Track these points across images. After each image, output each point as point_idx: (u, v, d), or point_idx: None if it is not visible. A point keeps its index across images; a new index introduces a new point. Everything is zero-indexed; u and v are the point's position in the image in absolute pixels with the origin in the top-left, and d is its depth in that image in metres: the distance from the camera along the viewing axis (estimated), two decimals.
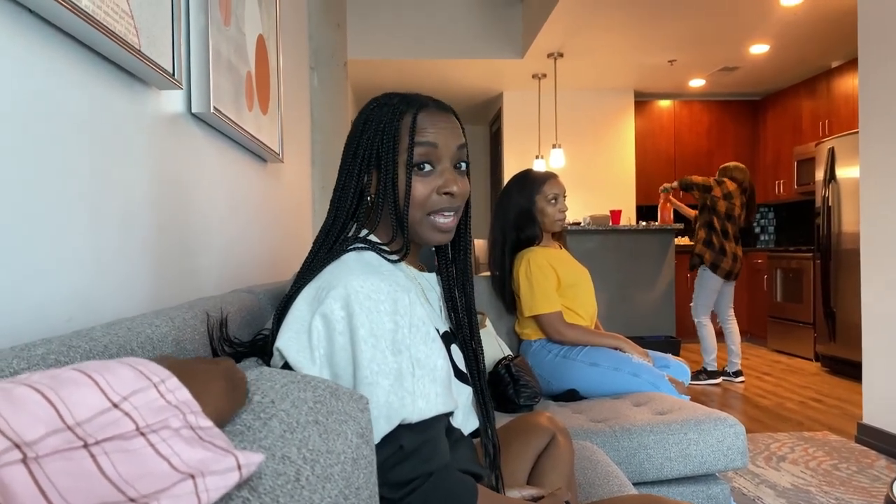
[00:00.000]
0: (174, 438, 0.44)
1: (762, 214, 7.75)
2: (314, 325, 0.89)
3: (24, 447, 0.37)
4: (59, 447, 0.38)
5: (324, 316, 0.89)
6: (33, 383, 0.41)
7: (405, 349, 0.88)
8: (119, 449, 0.41)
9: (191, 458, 0.44)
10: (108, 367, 0.45)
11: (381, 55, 5.82)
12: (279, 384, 0.67)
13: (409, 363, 0.88)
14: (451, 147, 1.02)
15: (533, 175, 2.47)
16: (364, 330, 0.87)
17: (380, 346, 0.87)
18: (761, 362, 5.62)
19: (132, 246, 1.12)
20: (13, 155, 0.80)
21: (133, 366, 0.47)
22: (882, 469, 2.91)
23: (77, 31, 0.92)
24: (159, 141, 1.25)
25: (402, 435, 0.86)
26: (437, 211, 1.02)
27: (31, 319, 0.82)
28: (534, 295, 2.35)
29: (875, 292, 3.19)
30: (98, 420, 0.41)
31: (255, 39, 1.90)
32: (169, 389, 0.47)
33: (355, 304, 0.88)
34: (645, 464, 1.85)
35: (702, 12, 4.82)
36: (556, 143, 6.22)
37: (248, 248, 1.91)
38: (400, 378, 0.86)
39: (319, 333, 0.89)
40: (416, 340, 0.89)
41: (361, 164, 1.02)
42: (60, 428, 0.39)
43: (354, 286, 0.89)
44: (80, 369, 0.44)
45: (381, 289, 0.90)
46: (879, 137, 3.13)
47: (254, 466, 0.49)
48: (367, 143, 1.02)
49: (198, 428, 0.47)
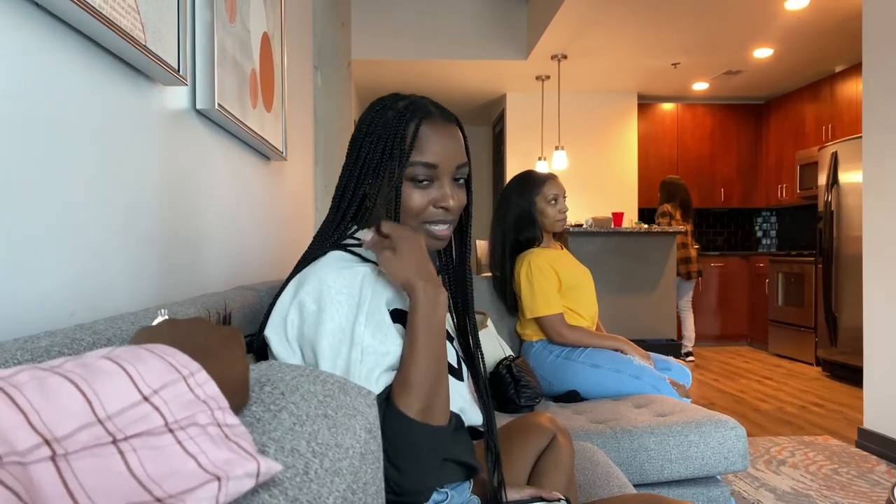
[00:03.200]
0: (201, 436, 0.44)
1: (764, 218, 7.75)
2: (290, 317, 0.95)
3: (54, 443, 0.37)
4: (88, 443, 0.38)
5: (299, 307, 0.95)
6: (66, 372, 0.41)
7: (359, 341, 0.92)
8: (147, 446, 0.41)
9: (217, 457, 0.44)
10: (139, 357, 0.45)
11: (386, 55, 5.83)
12: (289, 376, 0.67)
13: (359, 352, 0.91)
14: (451, 166, 1.03)
15: (533, 176, 2.47)
16: (332, 324, 0.92)
17: (345, 340, 0.91)
18: (762, 366, 5.62)
19: (135, 241, 1.12)
20: (17, 149, 0.81)
21: (163, 356, 0.47)
22: (882, 474, 2.90)
23: (84, 26, 0.92)
24: (163, 137, 1.26)
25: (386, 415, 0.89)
26: (431, 221, 1.04)
27: (34, 313, 0.82)
28: (534, 297, 2.35)
29: (877, 297, 3.19)
30: (129, 414, 0.41)
31: (260, 37, 1.90)
32: (198, 383, 0.47)
33: (326, 299, 0.93)
34: (645, 465, 1.85)
35: (706, 16, 4.82)
36: (558, 144, 6.22)
37: (250, 245, 1.91)
38: (348, 370, 0.91)
39: (294, 324, 0.95)
40: (369, 329, 0.93)
41: (363, 168, 1.03)
42: (91, 422, 0.39)
43: (328, 281, 0.94)
44: (111, 358, 0.44)
45: (353, 283, 0.94)
46: (883, 142, 3.13)
47: (269, 475, 0.48)
48: (369, 149, 1.02)
49: (224, 425, 0.47)
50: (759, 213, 7.76)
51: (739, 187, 7.32)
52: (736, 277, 6.81)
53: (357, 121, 1.08)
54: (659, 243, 5.15)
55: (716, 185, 7.29)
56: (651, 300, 5.15)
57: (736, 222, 7.79)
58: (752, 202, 7.35)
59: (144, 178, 1.16)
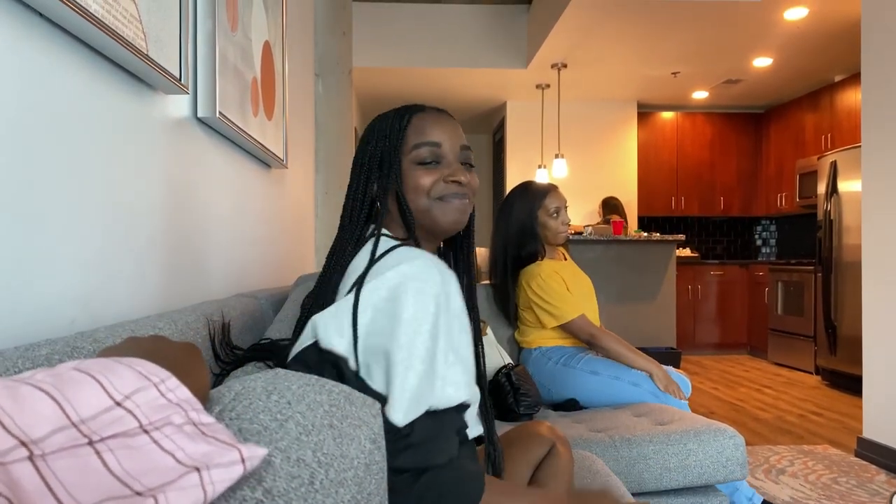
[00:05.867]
0: (177, 434, 0.44)
1: (764, 227, 7.76)
2: (363, 308, 0.88)
3: (31, 445, 0.37)
4: (64, 444, 0.39)
5: (372, 303, 0.88)
6: (37, 382, 0.41)
7: (443, 335, 0.88)
8: (123, 446, 0.41)
9: (195, 451, 0.44)
10: (108, 368, 0.46)
11: (386, 63, 5.85)
12: (295, 385, 0.67)
13: (445, 348, 0.88)
14: (455, 145, 1.04)
15: (533, 188, 2.45)
16: (408, 313, 0.86)
17: (421, 329, 0.86)
18: (762, 375, 5.61)
19: (137, 249, 1.12)
20: (19, 158, 0.81)
21: (132, 367, 0.47)
22: (882, 483, 2.90)
23: (86, 35, 0.93)
24: (165, 145, 1.26)
25: (417, 422, 0.85)
26: (444, 196, 1.02)
27: (35, 321, 0.83)
28: (556, 304, 2.32)
29: (876, 306, 3.19)
30: (102, 418, 0.41)
31: (262, 46, 1.91)
32: (169, 389, 0.48)
33: (402, 288, 0.87)
34: (644, 474, 1.84)
35: (706, 25, 4.84)
36: (558, 153, 6.23)
37: (251, 253, 1.91)
38: (433, 363, 0.86)
39: (366, 316, 0.88)
40: (453, 327, 0.90)
41: (370, 170, 1.04)
42: (66, 425, 0.39)
43: (404, 269, 0.89)
44: (81, 369, 0.44)
45: (431, 271, 0.89)
46: (882, 151, 3.14)
47: (257, 460, 0.49)
48: (371, 150, 1.04)
49: (200, 424, 0.47)
50: (758, 221, 7.77)
51: (739, 196, 7.33)
52: (735, 286, 6.81)
53: (360, 138, 1.10)
54: (658, 252, 5.15)
55: (715, 193, 7.30)
56: (650, 308, 5.15)
57: (735, 231, 7.80)
58: (751, 211, 7.36)
59: (146, 186, 1.17)
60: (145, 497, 0.41)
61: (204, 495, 0.44)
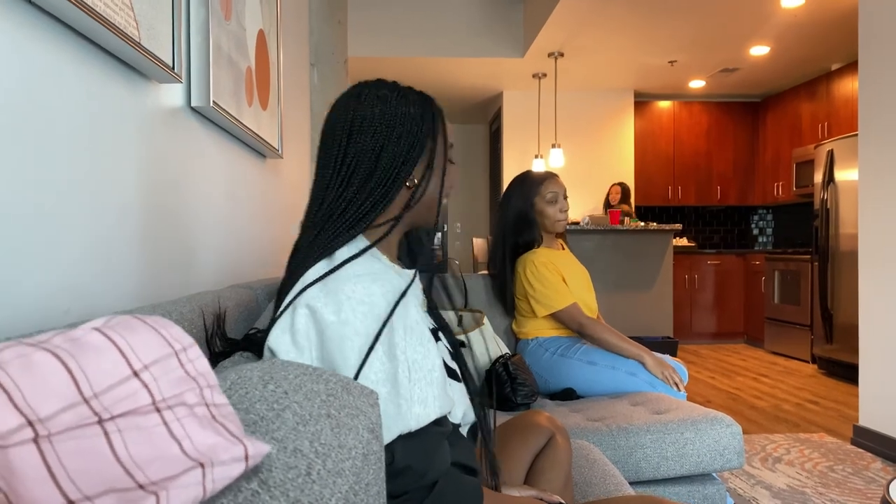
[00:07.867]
0: (188, 419, 0.44)
1: (761, 216, 7.76)
2: (301, 328, 0.86)
3: (38, 424, 0.37)
4: (72, 424, 0.38)
5: (316, 322, 0.85)
6: (53, 348, 0.40)
7: (401, 353, 0.85)
8: (133, 426, 0.40)
9: (202, 442, 0.44)
10: (132, 329, 0.45)
11: (382, 52, 5.82)
12: (292, 375, 0.66)
13: (406, 367, 0.85)
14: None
15: (531, 176, 2.45)
16: (359, 338, 0.83)
17: (377, 352, 0.83)
18: (758, 364, 5.63)
19: (130, 239, 1.12)
20: (9, 146, 0.80)
21: (158, 329, 0.46)
22: (878, 471, 2.91)
23: (77, 23, 0.91)
24: (158, 134, 1.25)
25: (396, 446, 0.82)
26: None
27: (28, 311, 0.82)
28: (547, 293, 2.33)
29: (872, 295, 3.20)
30: (115, 392, 0.41)
31: (256, 34, 1.89)
32: (190, 359, 0.47)
33: (348, 311, 0.84)
34: (641, 463, 1.85)
35: (703, 13, 4.82)
36: (555, 142, 6.22)
37: (246, 243, 1.90)
38: (396, 385, 0.84)
39: (311, 340, 0.85)
40: (411, 342, 0.87)
41: (392, 162, 0.97)
42: (76, 401, 0.39)
43: (346, 291, 0.86)
44: (103, 331, 0.43)
45: (373, 292, 0.86)
46: (878, 140, 3.14)
47: (259, 458, 0.48)
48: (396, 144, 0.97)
49: (212, 405, 0.46)
50: (755, 210, 7.77)
51: (736, 185, 7.33)
52: (732, 275, 6.83)
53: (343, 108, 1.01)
54: (655, 241, 5.15)
55: (712, 182, 7.30)
56: (647, 298, 5.16)
57: (732, 220, 7.80)
58: (748, 200, 7.36)
59: (139, 176, 1.16)
60: (147, 492, 0.40)
61: (203, 493, 0.43)
